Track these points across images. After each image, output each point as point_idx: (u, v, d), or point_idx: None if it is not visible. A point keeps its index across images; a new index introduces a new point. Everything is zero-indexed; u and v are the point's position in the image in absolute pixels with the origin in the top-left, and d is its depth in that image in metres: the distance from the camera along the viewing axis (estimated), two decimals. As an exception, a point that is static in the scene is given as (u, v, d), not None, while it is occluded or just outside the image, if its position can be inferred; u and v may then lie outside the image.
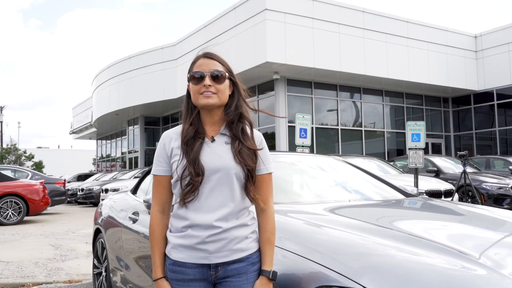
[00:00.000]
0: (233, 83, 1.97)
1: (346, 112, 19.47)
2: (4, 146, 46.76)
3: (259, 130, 14.73)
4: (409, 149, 10.06)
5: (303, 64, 16.13)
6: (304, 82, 18.09)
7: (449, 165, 13.05)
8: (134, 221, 3.65)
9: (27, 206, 12.05)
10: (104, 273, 4.50)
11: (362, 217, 2.72)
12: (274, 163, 3.66)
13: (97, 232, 4.85)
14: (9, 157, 45.35)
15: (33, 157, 48.18)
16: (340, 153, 17.90)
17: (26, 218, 12.52)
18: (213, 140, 1.90)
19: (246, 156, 1.87)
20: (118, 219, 4.13)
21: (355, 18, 17.36)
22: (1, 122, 47.23)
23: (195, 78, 1.90)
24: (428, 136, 21.44)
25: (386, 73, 17.89)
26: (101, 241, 4.63)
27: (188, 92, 1.97)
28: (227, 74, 1.93)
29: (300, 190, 3.46)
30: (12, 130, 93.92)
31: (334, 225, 2.41)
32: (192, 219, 1.84)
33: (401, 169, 12.12)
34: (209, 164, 1.85)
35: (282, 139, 16.93)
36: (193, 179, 1.82)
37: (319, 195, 3.35)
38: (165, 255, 1.93)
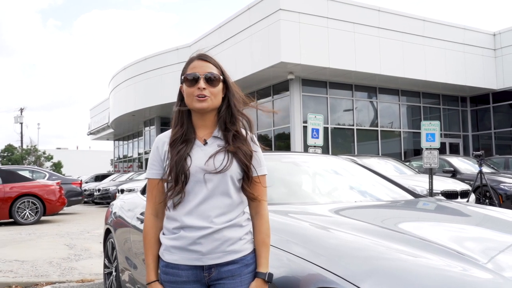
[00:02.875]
0: (226, 86, 1.95)
1: (362, 112, 19.33)
2: (24, 147, 47.47)
3: (273, 130, 14.71)
4: (426, 149, 9.94)
5: (318, 64, 16.05)
6: (319, 82, 18.01)
7: (467, 165, 12.87)
8: (142, 221, 3.66)
9: (44, 206, 12.20)
10: (114, 273, 4.53)
11: (368, 218, 2.69)
12: (281, 163, 3.67)
13: (107, 232, 4.88)
14: (29, 158, 46.02)
15: (52, 157, 48.87)
16: (356, 153, 17.78)
17: (43, 218, 12.68)
18: (205, 143, 1.89)
19: (240, 158, 1.86)
20: (127, 219, 4.15)
21: (370, 17, 17.22)
22: (21, 123, 47.96)
23: (189, 80, 1.88)
24: (445, 136, 21.18)
25: (402, 72, 17.71)
26: (111, 241, 4.66)
27: (179, 94, 1.96)
28: (221, 77, 1.91)
29: (306, 190, 3.44)
30: (32, 131, 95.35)
31: (340, 227, 2.38)
32: (183, 220, 1.83)
33: (416, 170, 11.99)
34: (201, 167, 1.84)
35: (297, 139, 16.88)
36: (177, 181, 1.82)
37: (326, 195, 3.32)
38: (158, 258, 1.92)
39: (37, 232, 10.17)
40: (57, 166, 48.78)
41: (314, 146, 10.04)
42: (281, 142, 18.00)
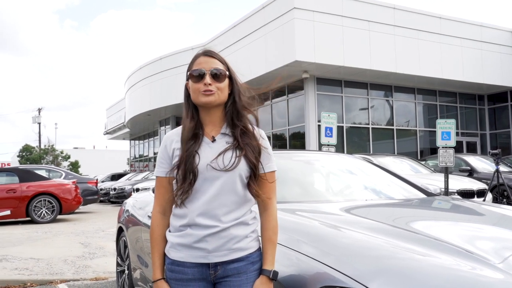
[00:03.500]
0: (232, 82, 1.94)
1: (377, 111, 19.18)
2: (42, 147, 48.03)
3: (288, 129, 14.66)
4: (441, 147, 9.81)
5: (332, 63, 15.97)
6: (334, 81, 17.91)
7: (484, 164, 12.69)
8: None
9: (60, 205, 12.33)
10: (126, 271, 4.55)
11: (379, 217, 2.65)
12: (291, 161, 3.65)
13: (120, 230, 4.90)
14: (46, 158, 46.53)
15: (69, 157, 49.35)
16: (371, 152, 17.65)
17: (59, 216, 12.81)
18: (213, 140, 1.88)
19: (249, 154, 1.84)
20: (138, 217, 4.17)
21: (385, 15, 17.08)
22: (39, 123, 48.55)
23: (195, 76, 1.88)
24: (462, 134, 20.92)
25: (418, 70, 17.53)
26: (124, 239, 4.68)
27: (186, 91, 1.95)
28: (227, 73, 1.91)
29: (317, 189, 3.41)
30: (50, 131, 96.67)
31: (350, 226, 2.34)
32: (191, 218, 1.83)
33: (432, 169, 11.86)
34: (209, 164, 1.82)
35: (312, 138, 16.81)
36: (185, 179, 1.82)
37: (337, 194, 3.29)
38: (164, 255, 1.92)
39: (53, 231, 10.28)
40: (74, 166, 49.24)
41: (328, 145, 9.98)
42: (297, 141, 17.94)
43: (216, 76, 1.87)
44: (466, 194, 9.08)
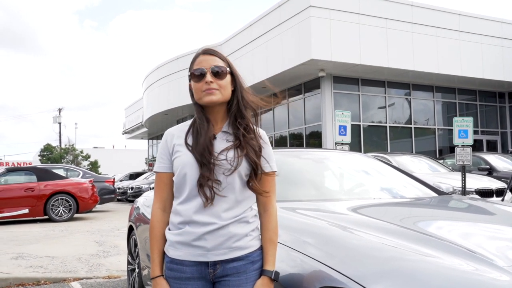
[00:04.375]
0: (234, 79, 1.91)
1: (395, 109, 18.96)
2: (63, 146, 48.64)
3: (305, 128, 14.57)
4: (462, 146, 9.64)
5: (349, 61, 15.85)
6: (351, 79, 17.77)
7: (504, 163, 12.43)
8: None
9: (77, 204, 12.45)
10: (137, 270, 4.55)
11: (385, 217, 2.59)
12: (300, 160, 3.59)
13: (130, 229, 4.90)
14: (67, 157, 47.10)
15: (89, 156, 49.83)
16: (389, 151, 17.46)
17: (76, 215, 12.94)
18: (214, 137, 1.85)
19: (250, 154, 1.82)
20: (147, 216, 4.16)
21: (403, 12, 16.88)
22: (60, 123, 49.17)
23: (196, 75, 1.86)
24: (482, 133, 20.59)
25: (437, 68, 17.29)
26: (134, 238, 4.68)
27: (190, 91, 1.94)
28: (228, 70, 1.88)
29: (324, 187, 3.35)
30: (70, 131, 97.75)
31: (356, 226, 2.28)
32: (190, 215, 1.80)
33: (450, 167, 11.67)
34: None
35: (328, 137, 16.70)
36: (185, 176, 1.81)
37: (344, 192, 3.24)
38: (164, 253, 1.90)
39: (69, 229, 10.38)
40: (94, 165, 49.74)
41: (342, 143, 9.89)
42: (315, 140, 17.83)
43: (217, 74, 1.84)
44: (485, 194, 8.90)
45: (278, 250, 1.94)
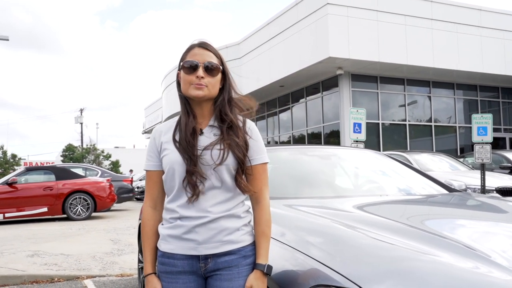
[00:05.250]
0: (225, 77, 1.89)
1: (415, 107, 18.69)
2: (84, 146, 49.25)
3: (323, 127, 14.40)
4: (479, 143, 9.43)
5: (367, 58, 15.68)
6: (369, 77, 17.57)
7: (527, 161, 12.13)
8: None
9: (95, 202, 12.56)
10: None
11: (390, 214, 2.50)
12: (307, 157, 3.52)
13: (140, 227, 4.89)
14: (88, 157, 47.65)
15: (110, 156, 50.31)
16: (409, 149, 17.22)
17: (94, 214, 13.05)
18: (201, 132, 1.83)
19: (235, 150, 1.79)
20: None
21: (422, 8, 16.62)
22: (81, 123, 49.82)
23: (187, 67, 1.83)
24: (505, 130, 20.18)
25: (457, 65, 16.98)
26: (143, 236, 4.66)
27: (178, 82, 1.91)
28: (220, 68, 1.86)
29: (331, 184, 3.27)
30: (91, 131, 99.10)
31: (361, 224, 2.19)
32: (180, 212, 1.80)
33: (471, 166, 11.44)
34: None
35: (346, 136, 16.53)
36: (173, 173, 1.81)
37: (351, 189, 3.16)
38: (156, 250, 1.89)
39: (86, 227, 10.47)
40: (115, 165, 50.24)
41: (357, 141, 9.76)
42: (334, 139, 17.68)
43: (209, 70, 1.82)
44: (506, 192, 8.66)
45: (278, 247, 1.89)
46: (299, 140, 20.05)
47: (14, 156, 43.14)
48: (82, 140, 50.06)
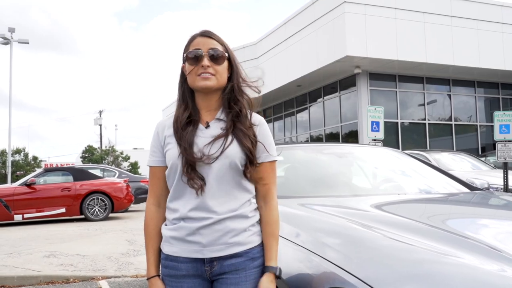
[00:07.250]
0: (231, 64, 1.79)
1: (434, 106, 18.41)
2: (103, 147, 49.73)
3: (341, 126, 14.24)
4: (501, 141, 9.19)
5: (385, 57, 15.49)
6: (388, 76, 17.35)
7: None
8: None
9: (112, 203, 12.59)
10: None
11: (412, 214, 2.38)
12: (323, 155, 3.42)
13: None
14: (107, 158, 48.11)
15: (129, 158, 50.73)
16: (428, 149, 16.94)
17: (112, 214, 13.09)
18: (207, 126, 1.74)
19: (243, 140, 1.69)
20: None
21: (441, 5, 16.36)
22: (100, 125, 50.33)
23: (191, 58, 1.74)
24: (529, 129, 19.71)
25: (478, 62, 16.67)
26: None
27: (182, 74, 1.81)
28: (226, 55, 1.76)
29: (348, 183, 3.16)
30: (110, 132, 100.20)
31: (381, 225, 2.06)
32: (183, 211, 1.70)
33: (493, 165, 11.18)
34: (202, 153, 1.68)
35: (365, 135, 16.33)
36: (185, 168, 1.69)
37: (369, 188, 3.04)
38: (159, 251, 1.79)
39: (103, 228, 10.48)
40: (134, 166, 50.63)
41: (374, 140, 9.60)
42: (353, 139, 17.51)
43: (214, 58, 1.72)
44: (530, 192, 8.45)
45: (292, 249, 1.79)
46: (317, 140, 19.90)
47: (35, 158, 43.75)
48: (101, 141, 50.61)
